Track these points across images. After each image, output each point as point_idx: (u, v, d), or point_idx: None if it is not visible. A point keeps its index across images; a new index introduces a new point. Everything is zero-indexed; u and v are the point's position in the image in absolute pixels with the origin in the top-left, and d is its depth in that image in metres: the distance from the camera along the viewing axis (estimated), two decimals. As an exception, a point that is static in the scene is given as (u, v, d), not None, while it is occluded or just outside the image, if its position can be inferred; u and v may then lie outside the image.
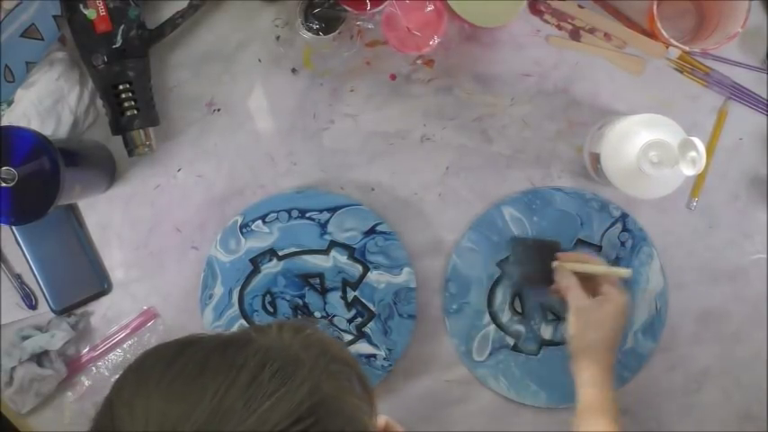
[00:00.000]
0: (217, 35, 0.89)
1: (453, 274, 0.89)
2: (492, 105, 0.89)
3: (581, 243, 0.88)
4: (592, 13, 0.88)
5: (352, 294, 0.88)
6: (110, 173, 0.89)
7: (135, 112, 0.84)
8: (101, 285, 0.90)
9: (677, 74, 0.89)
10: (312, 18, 0.85)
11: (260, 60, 0.89)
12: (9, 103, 0.84)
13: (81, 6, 0.82)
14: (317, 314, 0.88)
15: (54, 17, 0.83)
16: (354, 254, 0.88)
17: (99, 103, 0.87)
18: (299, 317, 0.88)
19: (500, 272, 0.89)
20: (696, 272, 0.90)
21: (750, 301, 0.90)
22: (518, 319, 0.89)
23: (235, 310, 0.88)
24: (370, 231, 0.88)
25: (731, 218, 0.90)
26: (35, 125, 0.83)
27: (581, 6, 0.88)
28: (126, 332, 0.90)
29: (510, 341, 0.89)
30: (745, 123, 0.89)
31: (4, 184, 0.74)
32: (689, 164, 0.72)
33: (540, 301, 0.89)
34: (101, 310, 0.91)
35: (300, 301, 0.88)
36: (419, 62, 0.89)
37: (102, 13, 0.82)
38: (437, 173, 0.90)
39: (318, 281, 0.88)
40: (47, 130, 0.84)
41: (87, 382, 0.90)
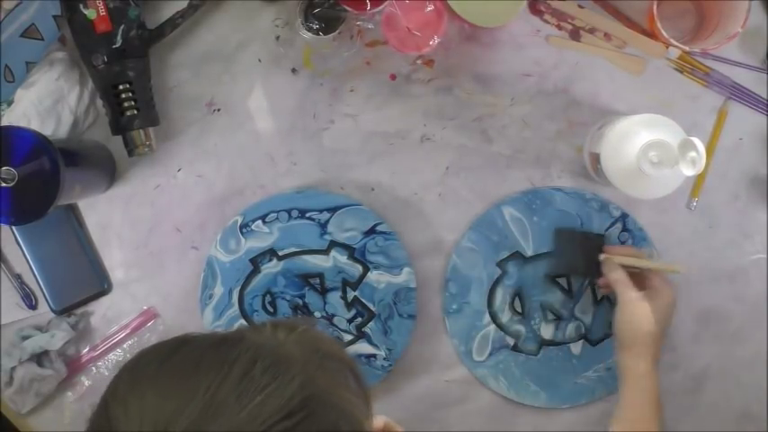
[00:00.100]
0: (217, 35, 0.89)
1: (453, 274, 0.89)
2: (492, 105, 0.89)
3: (581, 243, 0.88)
4: (592, 13, 0.88)
5: (352, 294, 0.88)
6: (110, 173, 0.89)
7: (135, 112, 0.84)
8: (101, 285, 0.90)
9: (677, 74, 0.89)
10: (312, 18, 0.85)
11: (260, 60, 0.89)
12: (9, 103, 0.84)
13: (81, 6, 0.82)
14: (316, 314, 0.88)
15: (54, 17, 0.83)
16: (354, 254, 0.88)
17: (99, 103, 0.87)
18: (299, 317, 0.88)
19: (500, 272, 0.89)
20: (696, 272, 0.90)
21: (750, 301, 0.90)
22: (518, 319, 0.89)
23: (235, 310, 0.88)
24: (370, 231, 0.88)
25: (731, 218, 0.90)
26: (35, 125, 0.83)
27: (581, 6, 0.88)
28: (126, 332, 0.90)
29: (510, 341, 0.89)
30: (745, 123, 0.89)
31: (4, 184, 0.74)
32: (689, 164, 0.72)
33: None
34: (101, 310, 0.91)
35: (300, 301, 0.88)
36: (419, 62, 0.89)
37: (102, 13, 0.82)
38: (437, 173, 0.90)
39: (318, 281, 0.88)
40: (47, 130, 0.84)
41: (87, 382, 0.90)
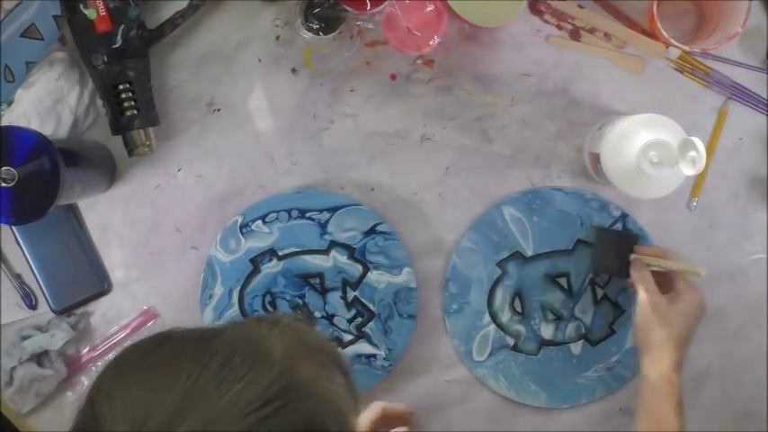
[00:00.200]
0: (217, 35, 0.89)
1: (453, 274, 0.89)
2: (492, 105, 0.89)
3: (581, 243, 0.88)
4: (592, 13, 0.88)
5: (352, 294, 0.88)
6: (110, 173, 0.89)
7: (135, 112, 0.84)
8: (101, 285, 0.90)
9: (677, 74, 0.89)
10: (312, 18, 0.85)
11: (260, 60, 0.89)
12: (9, 103, 0.84)
13: (81, 6, 0.82)
14: (317, 314, 0.88)
15: (54, 17, 0.83)
16: (354, 254, 0.88)
17: (99, 103, 0.87)
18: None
19: (500, 272, 0.89)
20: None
21: (750, 301, 0.90)
22: (518, 319, 0.89)
23: (235, 310, 0.88)
24: (370, 231, 0.88)
25: (731, 218, 0.90)
26: (35, 125, 0.83)
27: (581, 6, 0.88)
28: (126, 332, 0.90)
29: (510, 341, 0.89)
30: (745, 123, 0.89)
31: (4, 184, 0.74)
32: (689, 164, 0.72)
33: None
34: (101, 310, 0.91)
35: (300, 301, 0.88)
36: (419, 62, 0.89)
37: (102, 13, 0.82)
38: (437, 173, 0.90)
39: (318, 281, 0.88)
40: (47, 130, 0.84)
41: (87, 382, 0.90)
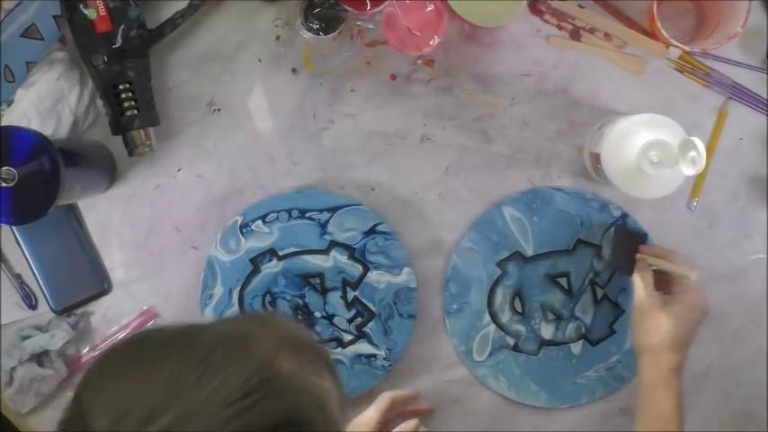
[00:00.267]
0: (217, 35, 0.89)
1: (453, 274, 0.89)
2: (492, 105, 0.89)
3: (581, 243, 0.88)
4: (592, 13, 0.88)
5: (352, 294, 0.88)
6: (110, 173, 0.89)
7: (135, 112, 0.84)
8: (101, 285, 0.90)
9: (677, 74, 0.89)
10: (312, 18, 0.85)
11: (260, 60, 0.89)
12: (9, 103, 0.84)
13: (81, 6, 0.82)
14: (317, 314, 0.88)
15: (54, 17, 0.83)
16: (354, 254, 0.88)
17: (99, 103, 0.87)
18: (299, 317, 0.88)
19: (500, 272, 0.89)
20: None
21: (750, 301, 0.90)
22: (518, 319, 0.89)
23: (235, 310, 0.88)
24: (370, 231, 0.88)
25: (731, 218, 0.90)
26: (35, 125, 0.83)
27: (581, 6, 0.88)
28: (126, 332, 0.90)
29: (510, 341, 0.89)
30: (745, 123, 0.89)
31: (4, 184, 0.74)
32: (689, 164, 0.72)
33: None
34: (101, 310, 0.91)
35: (300, 301, 0.88)
36: (419, 62, 0.89)
37: (102, 13, 0.82)
38: (437, 173, 0.90)
39: (318, 281, 0.88)
40: (47, 130, 0.83)
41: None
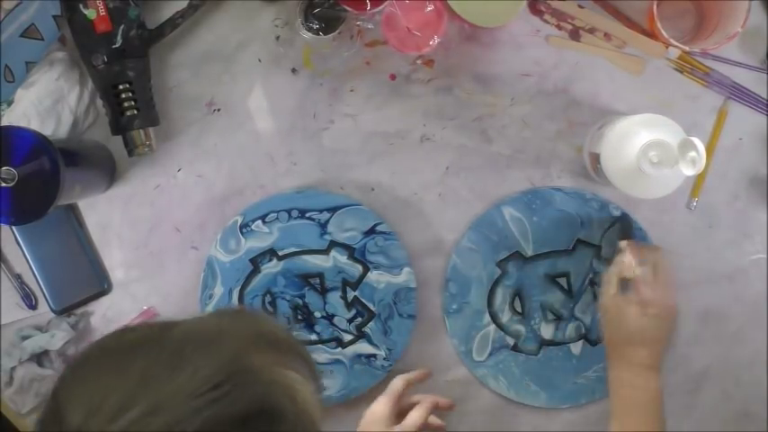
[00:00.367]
0: (217, 35, 0.89)
1: (453, 274, 0.89)
2: (492, 105, 0.89)
3: (581, 243, 0.88)
4: (592, 13, 0.88)
5: (352, 294, 0.88)
6: (110, 173, 0.89)
7: (135, 112, 0.84)
8: (101, 285, 0.90)
9: (677, 74, 0.89)
10: (312, 18, 0.85)
11: (260, 60, 0.89)
12: (9, 103, 0.84)
13: (81, 6, 0.82)
14: (316, 314, 0.88)
15: (54, 17, 0.83)
16: (354, 254, 0.88)
17: (99, 103, 0.87)
18: (299, 317, 0.88)
19: (500, 272, 0.89)
20: (696, 272, 0.90)
21: (750, 301, 0.90)
22: (518, 319, 0.89)
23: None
24: (370, 231, 0.88)
25: (731, 218, 0.90)
26: (35, 125, 0.83)
27: (581, 6, 0.88)
28: (126, 332, 0.90)
29: (510, 341, 0.89)
30: (745, 123, 0.89)
31: (4, 184, 0.74)
32: (689, 164, 0.72)
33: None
34: (101, 310, 0.91)
35: (300, 301, 0.88)
36: (419, 62, 0.89)
37: (102, 13, 0.82)
38: (437, 173, 0.90)
39: (318, 281, 0.88)
40: (47, 130, 0.84)
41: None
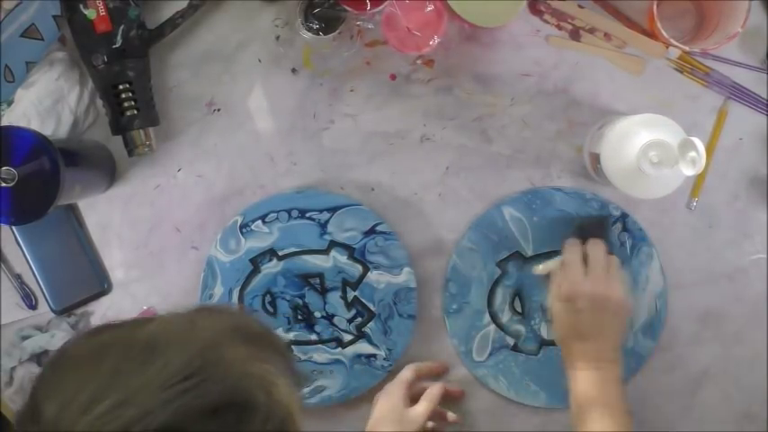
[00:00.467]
0: (217, 35, 0.89)
1: (453, 274, 0.89)
2: (492, 105, 0.89)
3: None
4: (592, 13, 0.88)
5: (352, 294, 0.88)
6: (110, 173, 0.89)
7: (135, 112, 0.84)
8: (101, 285, 0.90)
9: (677, 74, 0.89)
10: (312, 18, 0.85)
11: (260, 60, 0.89)
12: (9, 103, 0.84)
13: (81, 6, 0.82)
14: (316, 314, 0.88)
15: (54, 17, 0.83)
16: (354, 254, 0.88)
17: (99, 103, 0.87)
18: (299, 317, 0.88)
19: (500, 272, 0.89)
20: (696, 272, 0.90)
21: (750, 301, 0.90)
22: (518, 319, 0.89)
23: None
24: (370, 231, 0.88)
25: (731, 218, 0.90)
26: (35, 125, 0.83)
27: (581, 6, 0.88)
28: (126, 332, 0.90)
29: (510, 341, 0.89)
30: (745, 123, 0.89)
31: (4, 184, 0.74)
32: (689, 164, 0.72)
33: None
34: (101, 310, 0.91)
35: (300, 301, 0.88)
36: (419, 62, 0.89)
37: (102, 13, 0.82)
38: (437, 173, 0.90)
39: (318, 281, 0.88)
40: (47, 130, 0.84)
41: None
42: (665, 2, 0.84)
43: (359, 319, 0.88)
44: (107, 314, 0.91)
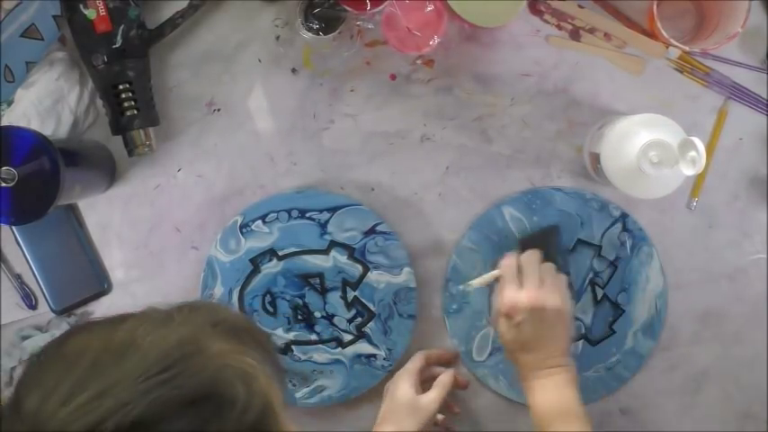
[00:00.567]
0: (217, 35, 0.89)
1: (453, 274, 0.89)
2: (492, 105, 0.89)
3: (581, 243, 0.88)
4: (592, 13, 0.88)
5: (352, 294, 0.88)
6: (110, 173, 0.89)
7: (135, 112, 0.84)
8: (101, 285, 0.90)
9: (677, 74, 0.89)
10: (312, 18, 0.85)
11: (260, 60, 0.89)
12: (9, 103, 0.84)
13: (81, 6, 0.82)
14: (316, 314, 0.88)
15: (54, 17, 0.83)
16: (354, 254, 0.88)
17: (99, 103, 0.87)
18: (299, 317, 0.88)
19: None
20: (696, 272, 0.90)
21: (750, 301, 0.90)
22: (518, 319, 0.89)
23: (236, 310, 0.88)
24: (370, 231, 0.88)
25: (731, 218, 0.90)
26: (35, 125, 0.83)
27: (581, 6, 0.88)
28: (126, 332, 0.90)
29: (510, 341, 0.89)
30: (745, 123, 0.89)
31: (4, 184, 0.74)
32: (689, 164, 0.72)
33: None
34: (101, 310, 0.91)
35: (300, 301, 0.88)
36: (419, 62, 0.89)
37: (102, 13, 0.82)
38: (437, 173, 0.90)
39: (318, 281, 0.88)
40: (47, 130, 0.84)
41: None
42: (665, 2, 0.84)
43: (359, 319, 0.88)
44: (107, 314, 0.89)
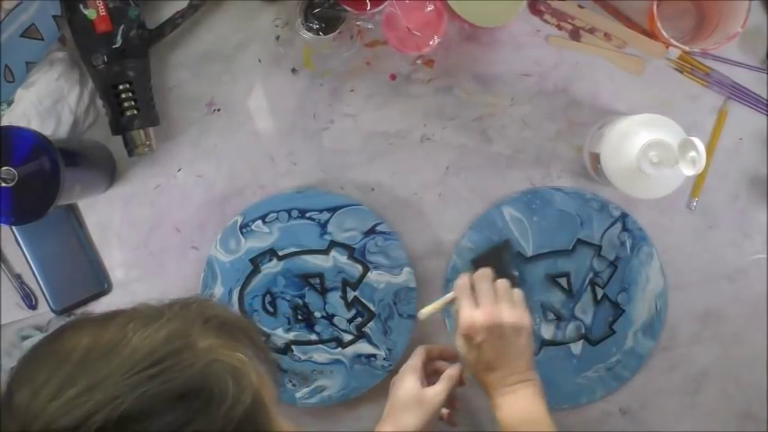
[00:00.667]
0: (217, 35, 0.89)
1: (453, 274, 0.89)
2: (492, 105, 0.89)
3: (581, 243, 0.88)
4: (592, 13, 0.88)
5: (352, 294, 0.88)
6: (110, 173, 0.89)
7: (135, 112, 0.84)
8: (101, 285, 0.90)
9: (677, 74, 0.89)
10: (312, 18, 0.85)
11: (260, 60, 0.89)
12: (9, 103, 0.84)
13: (81, 6, 0.82)
14: (316, 314, 0.88)
15: (54, 17, 0.83)
16: (354, 254, 0.88)
17: (99, 103, 0.87)
18: (299, 317, 0.88)
19: (500, 272, 0.89)
20: (696, 272, 0.90)
21: (750, 301, 0.90)
22: (518, 319, 0.89)
23: (235, 310, 0.88)
24: (370, 231, 0.88)
25: (731, 218, 0.90)
26: (35, 125, 0.83)
27: (581, 6, 0.88)
28: (126, 332, 0.90)
29: (510, 341, 0.89)
30: (745, 123, 0.89)
31: (4, 184, 0.74)
32: (689, 164, 0.72)
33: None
34: (101, 311, 0.89)
35: (300, 301, 0.88)
36: (419, 62, 0.89)
37: (102, 13, 0.82)
38: (437, 173, 0.90)
39: (318, 281, 0.88)
40: (47, 130, 0.84)
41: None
42: (665, 2, 0.84)
43: (359, 319, 0.88)
44: (107, 314, 0.90)
